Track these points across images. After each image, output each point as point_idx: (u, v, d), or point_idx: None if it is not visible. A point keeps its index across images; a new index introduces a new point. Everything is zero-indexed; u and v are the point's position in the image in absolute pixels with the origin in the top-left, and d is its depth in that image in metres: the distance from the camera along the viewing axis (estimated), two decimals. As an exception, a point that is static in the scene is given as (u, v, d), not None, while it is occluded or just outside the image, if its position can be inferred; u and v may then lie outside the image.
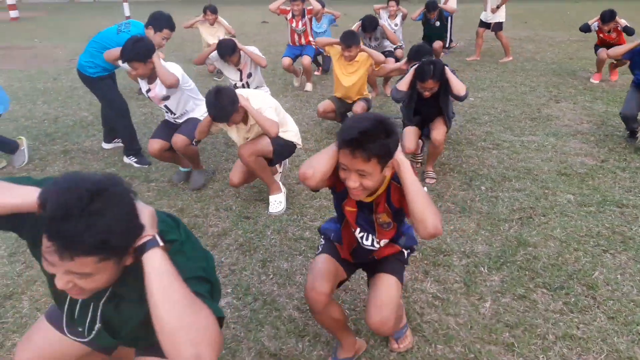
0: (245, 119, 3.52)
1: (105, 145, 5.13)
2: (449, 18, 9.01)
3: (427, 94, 3.97)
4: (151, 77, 3.97)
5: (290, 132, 3.76)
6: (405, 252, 2.24)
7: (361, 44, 5.21)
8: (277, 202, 3.78)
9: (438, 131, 4.08)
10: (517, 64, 8.40)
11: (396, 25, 8.75)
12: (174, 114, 4.13)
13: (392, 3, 8.48)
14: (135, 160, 4.69)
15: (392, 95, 4.24)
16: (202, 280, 1.39)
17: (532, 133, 5.15)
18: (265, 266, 3.09)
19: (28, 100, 7.18)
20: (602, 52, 6.77)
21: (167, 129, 4.14)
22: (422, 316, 2.58)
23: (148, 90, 4.05)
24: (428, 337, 2.44)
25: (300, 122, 5.88)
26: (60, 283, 1.22)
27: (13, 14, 20.96)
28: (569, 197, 3.78)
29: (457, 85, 3.88)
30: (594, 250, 3.10)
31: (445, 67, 3.91)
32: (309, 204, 3.86)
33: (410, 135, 4.22)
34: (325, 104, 5.28)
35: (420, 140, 4.40)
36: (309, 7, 7.21)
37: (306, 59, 7.16)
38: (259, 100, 3.50)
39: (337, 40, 5.16)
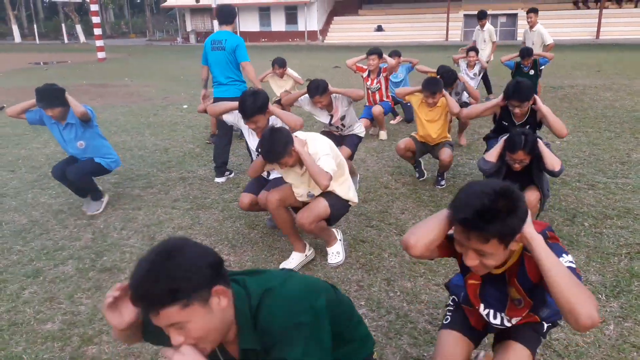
0: (300, 161, 3.32)
1: (219, 180, 5.56)
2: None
3: (517, 166, 3.69)
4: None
5: (346, 183, 3.60)
6: (545, 325, 1.99)
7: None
8: (336, 253, 3.70)
9: (531, 193, 3.78)
10: (597, 111, 8.51)
11: (475, 75, 8.98)
12: None
13: (472, 53, 8.66)
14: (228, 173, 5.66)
15: (479, 166, 3.98)
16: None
17: (624, 176, 5.28)
18: (390, 284, 3.38)
19: (136, 133, 7.89)
20: None
21: (258, 183, 4.04)
22: (550, 334, 2.78)
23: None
24: (560, 353, 2.64)
25: (387, 161, 6.22)
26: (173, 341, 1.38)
27: (101, 55, 22.77)
28: (675, 237, 3.91)
29: (551, 160, 3.62)
30: None
31: (539, 139, 3.69)
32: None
33: None
34: (407, 141, 5.21)
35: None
36: (384, 66, 7.15)
37: (377, 108, 7.04)
38: (316, 145, 3.35)
39: (417, 89, 5.19)
